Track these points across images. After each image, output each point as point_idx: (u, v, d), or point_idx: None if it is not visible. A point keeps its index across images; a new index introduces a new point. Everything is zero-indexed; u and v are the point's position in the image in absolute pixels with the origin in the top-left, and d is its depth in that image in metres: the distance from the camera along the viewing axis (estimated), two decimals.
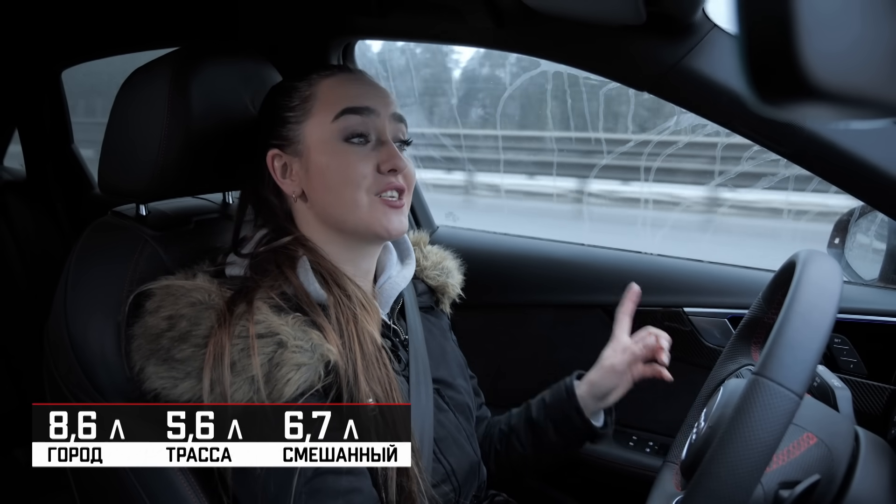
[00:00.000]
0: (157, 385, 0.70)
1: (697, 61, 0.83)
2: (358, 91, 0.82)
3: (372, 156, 0.80)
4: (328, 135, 0.80)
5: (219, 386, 0.67)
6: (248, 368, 0.68)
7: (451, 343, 1.01)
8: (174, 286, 0.74)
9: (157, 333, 0.71)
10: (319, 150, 0.80)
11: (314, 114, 0.81)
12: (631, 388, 0.98)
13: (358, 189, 0.78)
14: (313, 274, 0.79)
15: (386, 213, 0.80)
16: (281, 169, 0.82)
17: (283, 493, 0.69)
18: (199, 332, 0.70)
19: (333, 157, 0.79)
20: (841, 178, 0.80)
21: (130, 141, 0.86)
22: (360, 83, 0.84)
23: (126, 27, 1.61)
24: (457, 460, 0.88)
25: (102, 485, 0.84)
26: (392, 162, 0.79)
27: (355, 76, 0.85)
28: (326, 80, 0.83)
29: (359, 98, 0.81)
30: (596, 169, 3.06)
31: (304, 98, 0.82)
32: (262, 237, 0.83)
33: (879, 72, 0.26)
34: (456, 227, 1.68)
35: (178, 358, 0.70)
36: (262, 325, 0.70)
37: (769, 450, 0.51)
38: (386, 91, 0.85)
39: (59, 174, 2.00)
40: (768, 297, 0.80)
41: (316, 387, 0.70)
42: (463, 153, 3.56)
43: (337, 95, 0.81)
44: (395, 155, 0.79)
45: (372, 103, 0.81)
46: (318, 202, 0.81)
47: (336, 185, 0.79)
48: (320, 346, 0.71)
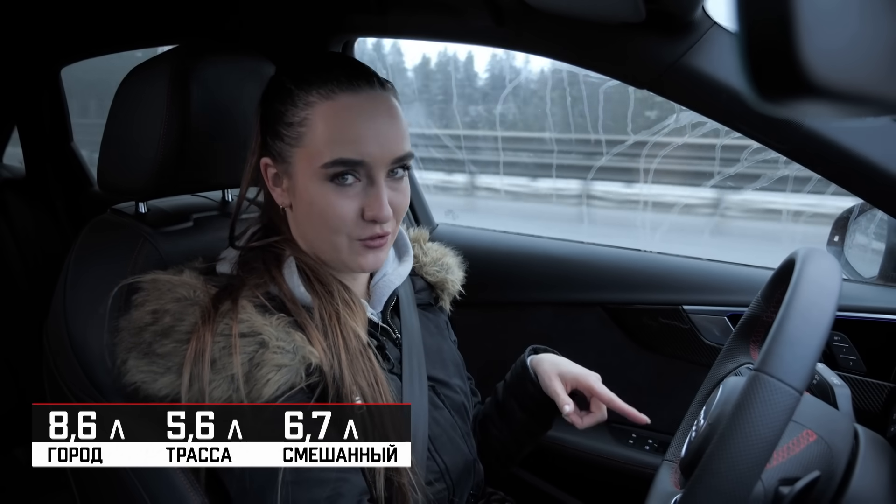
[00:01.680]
0: (137, 378, 0.70)
1: (697, 59, 0.83)
2: (357, 134, 0.73)
3: (357, 198, 0.75)
4: (315, 174, 0.74)
5: (197, 383, 0.67)
6: (229, 367, 0.68)
7: (448, 342, 1.01)
8: (161, 280, 0.75)
9: (141, 327, 0.71)
10: (305, 183, 0.75)
11: (306, 145, 0.75)
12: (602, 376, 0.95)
13: (338, 233, 0.76)
14: (299, 274, 0.78)
15: (364, 254, 0.77)
16: (273, 178, 0.81)
17: (267, 483, 0.69)
18: (182, 328, 0.70)
19: (318, 196, 0.75)
20: (840, 176, 0.80)
21: (130, 138, 0.86)
22: (361, 118, 0.74)
23: (126, 25, 1.61)
24: (451, 458, 0.88)
25: (102, 484, 0.84)
26: (374, 213, 0.74)
27: (359, 103, 0.74)
28: (324, 107, 0.74)
29: (356, 146, 0.73)
30: (593, 170, 3.06)
31: (299, 120, 0.75)
32: (254, 232, 0.83)
33: (879, 68, 0.26)
34: (455, 224, 1.68)
35: (160, 352, 0.70)
36: (245, 324, 0.70)
37: (770, 446, 0.51)
38: (394, 126, 0.76)
39: (58, 172, 2.00)
40: (767, 295, 0.80)
41: (298, 387, 0.70)
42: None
43: (332, 134, 0.73)
44: (381, 205, 0.74)
45: (369, 153, 0.73)
46: (302, 227, 0.80)
47: (317, 224, 0.77)
48: (302, 349, 0.71)
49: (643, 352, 1.35)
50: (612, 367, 1.37)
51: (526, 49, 1.05)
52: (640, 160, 2.19)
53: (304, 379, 0.71)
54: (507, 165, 4.02)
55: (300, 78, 0.76)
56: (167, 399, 0.69)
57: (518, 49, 1.06)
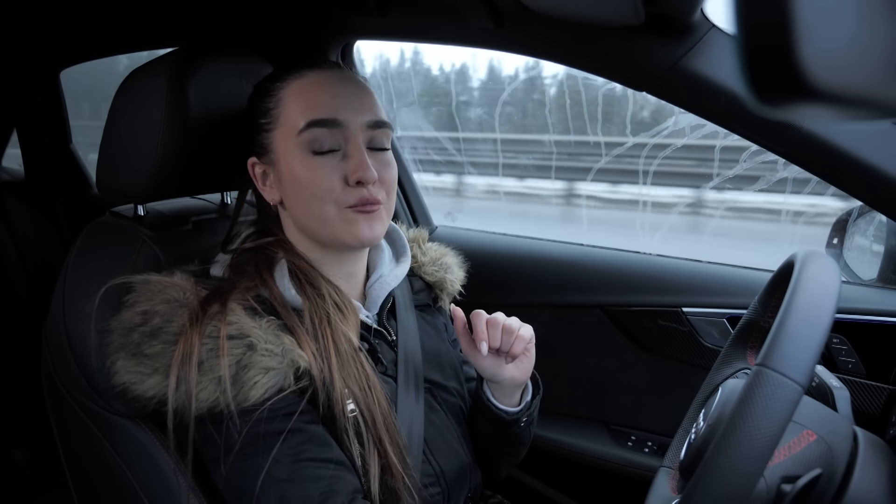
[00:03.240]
0: (126, 379, 0.70)
1: (696, 61, 0.83)
2: (326, 98, 0.77)
3: (340, 167, 0.76)
4: (295, 146, 0.76)
5: (184, 384, 0.67)
6: (216, 369, 0.68)
7: (446, 344, 1.00)
8: (153, 281, 0.75)
9: (131, 327, 0.71)
10: (288, 161, 0.77)
11: (282, 122, 0.78)
12: (529, 364, 0.88)
13: (325, 202, 0.76)
14: (290, 277, 0.78)
15: (356, 221, 0.77)
16: (261, 176, 0.82)
17: (261, 480, 0.69)
18: (171, 330, 0.70)
19: (301, 169, 0.76)
20: (839, 179, 0.80)
21: (128, 141, 0.86)
22: (329, 86, 0.78)
23: (124, 27, 1.61)
24: (447, 462, 0.87)
25: (101, 485, 0.84)
26: (359, 174, 0.75)
27: (325, 76, 0.79)
28: (294, 84, 0.78)
29: (327, 108, 0.76)
30: (592, 172, 3.06)
31: (275, 103, 0.78)
32: (248, 235, 0.83)
33: (878, 71, 0.26)
34: (454, 227, 1.68)
35: (148, 353, 0.70)
36: (234, 326, 0.70)
37: (773, 440, 0.51)
38: (363, 94, 0.80)
39: (57, 174, 2.00)
40: (764, 300, 0.80)
41: (287, 391, 0.70)
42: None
43: (303, 103, 0.77)
44: (363, 166, 0.75)
45: (341, 113, 0.76)
46: (293, 212, 0.81)
47: (305, 198, 0.77)
48: (291, 352, 0.71)
49: (642, 354, 1.35)
50: (611, 369, 1.38)
51: (525, 52, 1.05)
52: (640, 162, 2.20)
53: (292, 382, 0.71)
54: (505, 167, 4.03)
55: (274, 76, 0.82)
56: (154, 400, 0.69)
57: (517, 52, 1.06)
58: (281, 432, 0.70)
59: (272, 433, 0.69)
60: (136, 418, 0.80)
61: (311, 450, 0.71)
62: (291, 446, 0.70)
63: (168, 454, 0.79)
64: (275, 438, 0.69)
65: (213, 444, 0.70)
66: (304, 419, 0.72)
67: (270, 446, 0.69)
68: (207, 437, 0.70)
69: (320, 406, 0.73)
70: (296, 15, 1.32)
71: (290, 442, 0.70)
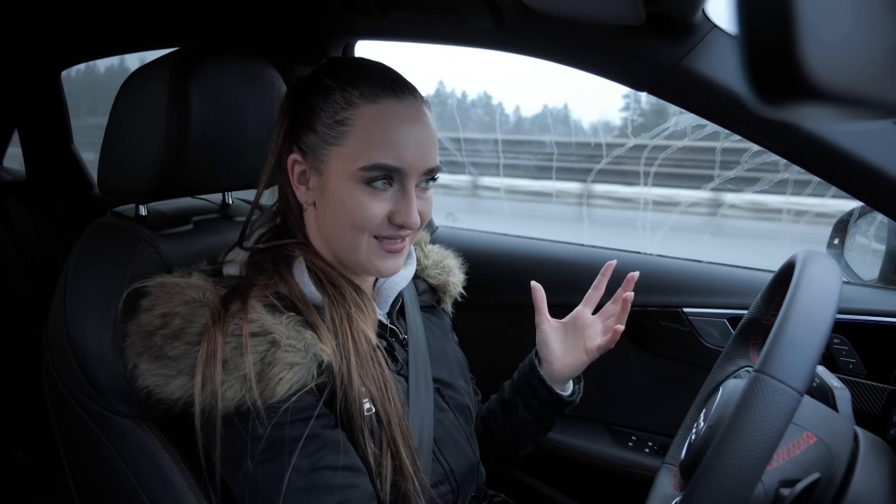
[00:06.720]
0: (150, 382, 0.70)
1: (697, 62, 0.83)
2: (397, 143, 0.74)
3: (387, 203, 0.76)
4: (351, 173, 0.75)
5: (210, 384, 0.67)
6: (241, 367, 0.67)
7: (452, 343, 1.01)
8: (169, 284, 0.74)
9: (151, 331, 0.71)
10: (339, 184, 0.76)
11: (346, 145, 0.75)
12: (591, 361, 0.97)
13: (362, 232, 0.76)
14: (309, 274, 0.78)
15: (382, 257, 0.78)
16: (299, 175, 0.80)
17: (274, 489, 0.69)
18: (193, 330, 0.70)
19: (350, 197, 0.75)
20: (840, 179, 0.81)
21: (130, 141, 0.86)
22: (403, 128, 0.75)
23: (126, 27, 1.61)
24: (455, 461, 0.88)
25: (101, 485, 0.83)
26: (404, 218, 0.76)
27: (402, 114, 0.75)
28: (368, 109, 0.74)
29: (396, 156, 0.74)
30: (593, 173, 3.06)
31: (341, 119, 0.75)
32: (261, 235, 0.83)
33: (879, 72, 0.26)
34: (455, 227, 1.68)
35: (171, 355, 0.69)
36: (255, 323, 0.70)
37: (770, 446, 0.51)
38: (430, 139, 0.77)
39: (58, 174, 2.00)
40: (767, 298, 0.80)
41: (309, 386, 0.70)
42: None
43: (375, 140, 0.74)
44: (410, 212, 0.76)
45: (408, 162, 0.74)
46: (323, 223, 0.80)
47: (344, 221, 0.77)
48: (313, 346, 0.71)
49: (643, 354, 1.35)
50: (612, 370, 1.37)
51: (526, 52, 1.05)
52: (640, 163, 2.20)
53: (315, 377, 0.70)
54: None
55: (342, 78, 0.77)
56: (181, 402, 0.69)
57: (517, 52, 1.06)
58: (299, 438, 0.69)
59: (292, 438, 0.69)
60: (138, 419, 0.80)
61: (328, 457, 0.71)
62: (309, 454, 0.70)
63: (169, 455, 0.79)
64: (294, 444, 0.69)
65: (232, 444, 0.70)
66: (322, 423, 0.72)
67: (290, 452, 0.69)
68: (227, 438, 0.70)
69: (337, 406, 0.73)
70: (296, 15, 1.32)
71: (307, 449, 0.69)
